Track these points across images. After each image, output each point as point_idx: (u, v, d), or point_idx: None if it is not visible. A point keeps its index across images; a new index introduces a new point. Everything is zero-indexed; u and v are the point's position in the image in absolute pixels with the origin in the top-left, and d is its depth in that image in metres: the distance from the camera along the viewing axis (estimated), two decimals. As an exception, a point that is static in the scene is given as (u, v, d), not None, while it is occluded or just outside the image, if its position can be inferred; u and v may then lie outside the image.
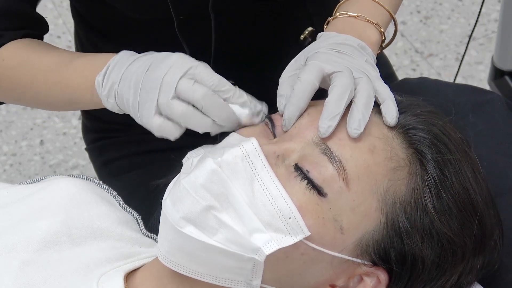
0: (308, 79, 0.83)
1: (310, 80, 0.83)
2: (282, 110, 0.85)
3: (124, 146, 1.27)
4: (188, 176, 0.80)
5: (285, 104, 0.84)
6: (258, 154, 0.80)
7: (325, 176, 0.79)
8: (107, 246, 0.90)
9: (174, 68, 0.87)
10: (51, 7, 2.37)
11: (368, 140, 0.82)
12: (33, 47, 1.05)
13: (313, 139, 0.82)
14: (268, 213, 0.78)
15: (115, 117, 1.01)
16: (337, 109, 0.81)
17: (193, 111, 0.86)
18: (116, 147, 1.28)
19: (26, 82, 1.03)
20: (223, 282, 0.81)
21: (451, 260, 0.83)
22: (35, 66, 1.03)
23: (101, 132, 1.30)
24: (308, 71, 0.84)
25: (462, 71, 2.22)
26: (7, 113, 2.18)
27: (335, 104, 0.81)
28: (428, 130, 0.84)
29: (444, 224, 0.81)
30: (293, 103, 0.83)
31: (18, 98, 1.08)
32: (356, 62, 0.87)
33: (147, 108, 0.87)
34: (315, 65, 0.85)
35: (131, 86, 0.89)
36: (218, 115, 0.86)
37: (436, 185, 0.82)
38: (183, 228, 0.79)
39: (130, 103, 0.90)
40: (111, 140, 1.29)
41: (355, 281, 0.83)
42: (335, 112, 0.81)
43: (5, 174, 2.07)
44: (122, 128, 1.27)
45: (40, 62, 1.03)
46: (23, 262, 0.87)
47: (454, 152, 0.84)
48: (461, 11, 2.38)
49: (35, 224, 0.90)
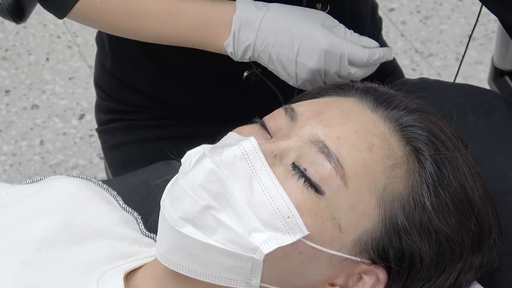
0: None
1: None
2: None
3: (137, 130, 1.28)
4: (186, 176, 0.80)
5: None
6: (257, 154, 0.80)
7: (322, 174, 0.79)
8: (107, 245, 0.90)
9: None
10: (51, 7, 2.37)
11: (366, 138, 0.82)
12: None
13: (310, 138, 0.82)
14: (266, 213, 0.78)
15: (130, 99, 1.04)
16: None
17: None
18: (128, 131, 1.29)
19: (132, 26, 1.08)
20: (222, 282, 0.81)
21: (450, 258, 0.83)
22: (139, 14, 1.07)
23: (115, 113, 1.31)
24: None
25: (462, 71, 2.22)
26: (7, 113, 2.18)
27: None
28: (425, 127, 0.84)
29: (442, 222, 0.81)
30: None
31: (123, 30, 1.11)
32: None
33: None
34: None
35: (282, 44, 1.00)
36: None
37: (434, 183, 0.82)
38: (182, 228, 0.79)
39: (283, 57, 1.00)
40: (124, 122, 1.30)
41: (354, 279, 0.83)
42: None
43: (5, 174, 2.07)
44: (136, 110, 1.27)
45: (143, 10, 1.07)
46: (23, 262, 0.87)
47: (451, 149, 0.84)
48: (461, 11, 2.38)
49: (35, 224, 0.90)
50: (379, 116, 0.85)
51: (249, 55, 1.03)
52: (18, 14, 1.27)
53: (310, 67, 1.01)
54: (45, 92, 2.23)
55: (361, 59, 1.02)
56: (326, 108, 0.85)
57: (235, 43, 1.03)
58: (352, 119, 0.83)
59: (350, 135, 0.82)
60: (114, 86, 1.31)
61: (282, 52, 1.01)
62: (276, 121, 0.85)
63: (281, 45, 1.01)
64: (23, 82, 2.25)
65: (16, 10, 1.26)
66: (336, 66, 1.01)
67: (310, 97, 0.91)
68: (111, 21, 1.10)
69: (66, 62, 2.29)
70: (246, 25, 1.01)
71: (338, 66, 1.01)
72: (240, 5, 1.03)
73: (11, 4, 1.25)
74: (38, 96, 2.22)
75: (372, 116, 0.85)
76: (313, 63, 1.00)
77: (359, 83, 0.92)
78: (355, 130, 0.82)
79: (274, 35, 1.01)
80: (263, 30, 1.01)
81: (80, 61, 2.29)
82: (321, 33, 1.00)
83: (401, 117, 0.85)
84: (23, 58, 2.30)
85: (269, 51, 1.02)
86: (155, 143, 1.28)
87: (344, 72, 1.02)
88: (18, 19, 1.28)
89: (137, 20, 1.07)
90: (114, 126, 1.32)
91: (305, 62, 1.01)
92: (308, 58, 1.00)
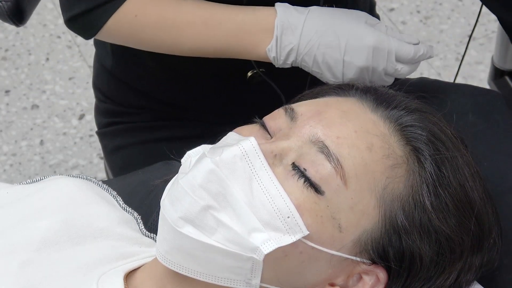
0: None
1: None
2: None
3: (137, 132, 1.28)
4: (186, 176, 0.80)
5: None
6: (257, 154, 0.80)
7: (322, 174, 0.79)
8: (107, 246, 0.90)
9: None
10: (51, 7, 2.37)
11: (366, 138, 0.82)
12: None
13: (310, 138, 0.82)
14: (266, 213, 0.78)
15: (131, 100, 1.03)
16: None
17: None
18: (129, 133, 1.29)
19: (171, 41, 1.07)
20: (222, 282, 0.81)
21: (449, 258, 0.83)
22: (177, 26, 1.06)
23: (114, 116, 1.30)
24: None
25: (462, 71, 2.22)
26: (7, 113, 2.18)
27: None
28: (425, 127, 0.84)
29: (441, 222, 0.81)
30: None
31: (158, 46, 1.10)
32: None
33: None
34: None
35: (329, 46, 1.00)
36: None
37: (433, 183, 0.82)
38: (182, 228, 0.79)
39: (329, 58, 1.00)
40: (124, 125, 1.29)
41: (354, 279, 0.83)
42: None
43: (5, 174, 2.07)
44: (136, 111, 1.27)
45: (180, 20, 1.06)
46: (23, 262, 0.86)
47: (451, 149, 0.84)
48: (461, 11, 2.38)
49: (35, 224, 0.90)
50: (379, 116, 0.85)
51: (292, 59, 1.02)
52: (18, 17, 1.27)
53: (358, 66, 1.00)
54: (45, 92, 2.23)
55: (407, 55, 1.01)
56: (326, 108, 0.85)
57: (277, 47, 1.02)
58: (352, 119, 0.83)
59: (350, 135, 0.82)
60: (114, 87, 1.30)
61: (328, 52, 1.00)
62: (276, 121, 0.85)
63: (326, 45, 1.00)
64: (23, 82, 2.25)
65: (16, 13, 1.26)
66: (384, 63, 1.01)
67: (310, 97, 0.91)
68: (146, 36, 1.08)
69: (66, 62, 2.29)
70: (288, 28, 1.01)
71: (385, 63, 1.01)
72: (280, 10, 1.02)
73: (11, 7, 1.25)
74: (38, 96, 2.22)
75: (372, 116, 0.85)
76: (361, 61, 1.00)
77: (359, 83, 0.92)
78: (355, 130, 0.82)
79: (318, 37, 1.00)
80: (306, 33, 1.00)
81: (80, 61, 2.29)
82: (367, 31, 1.00)
83: (401, 117, 0.85)
84: (23, 58, 2.30)
85: (314, 53, 1.01)
86: (155, 144, 1.28)
87: (391, 69, 1.01)
88: (18, 22, 1.28)
89: (174, 33, 1.06)
90: (113, 129, 1.31)
91: (353, 61, 1.00)
92: (356, 56, 1.00)
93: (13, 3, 1.25)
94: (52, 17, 2.35)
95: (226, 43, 1.05)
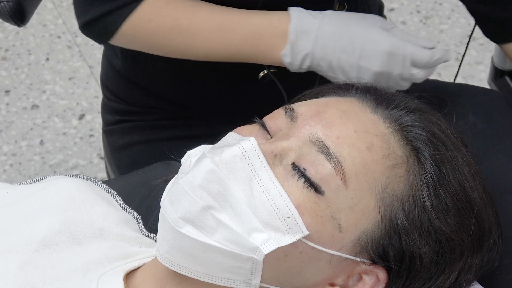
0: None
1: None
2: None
3: (146, 130, 1.28)
4: (186, 176, 0.80)
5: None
6: (257, 154, 0.80)
7: (322, 174, 0.79)
8: (106, 246, 0.90)
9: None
10: (51, 7, 2.37)
11: (366, 138, 0.82)
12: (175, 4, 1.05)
13: (310, 138, 0.82)
14: (266, 213, 0.78)
15: (140, 100, 1.03)
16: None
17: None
18: (138, 131, 1.29)
19: (184, 46, 1.06)
20: (222, 282, 0.81)
21: (449, 258, 0.83)
22: (191, 30, 1.05)
23: (123, 114, 1.30)
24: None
25: (462, 71, 2.22)
26: (7, 113, 2.18)
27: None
28: (425, 127, 0.84)
29: (441, 222, 0.81)
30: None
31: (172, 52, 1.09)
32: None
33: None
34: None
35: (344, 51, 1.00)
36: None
37: (433, 183, 0.82)
38: (182, 228, 0.79)
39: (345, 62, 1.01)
40: (133, 123, 1.29)
41: (354, 279, 0.83)
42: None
43: (5, 174, 2.07)
44: (146, 111, 1.27)
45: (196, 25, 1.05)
46: (23, 262, 0.86)
47: (451, 149, 0.84)
48: (461, 11, 2.38)
49: (35, 224, 0.90)
50: (379, 116, 0.85)
51: (308, 64, 1.02)
52: (19, 17, 1.27)
53: (374, 71, 1.00)
54: (45, 92, 2.23)
55: (423, 60, 1.01)
56: (326, 108, 0.85)
57: (292, 52, 1.02)
58: (352, 119, 0.83)
59: (350, 135, 0.82)
60: (122, 86, 1.30)
61: (343, 57, 1.00)
62: (276, 121, 0.85)
63: (341, 50, 1.00)
64: (23, 82, 2.25)
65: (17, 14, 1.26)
66: (399, 68, 1.00)
67: (310, 97, 0.91)
68: (161, 41, 1.07)
69: (66, 62, 2.29)
70: (303, 33, 1.01)
71: (401, 68, 1.00)
72: (294, 14, 1.02)
73: (12, 8, 1.25)
74: (38, 96, 2.22)
75: (372, 116, 0.84)
76: (376, 66, 1.00)
77: (359, 83, 0.92)
78: (355, 130, 0.82)
79: (333, 41, 1.00)
80: (321, 37, 1.00)
81: (80, 61, 2.29)
82: (383, 35, 1.00)
83: (401, 117, 0.85)
84: (23, 58, 2.30)
85: (329, 58, 1.01)
86: (164, 143, 1.27)
87: (406, 74, 1.01)
88: (19, 22, 1.28)
89: (188, 38, 1.06)
90: (122, 126, 1.31)
91: (368, 66, 1.00)
92: (371, 61, 1.00)
93: (15, 3, 1.25)
94: (52, 17, 2.35)
95: (241, 48, 1.05)
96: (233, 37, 1.04)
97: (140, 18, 1.06)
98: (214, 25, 1.04)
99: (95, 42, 1.12)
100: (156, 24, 1.06)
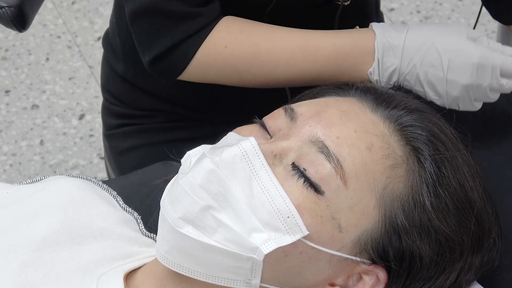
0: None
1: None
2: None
3: (150, 133, 1.27)
4: (185, 176, 0.80)
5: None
6: (257, 153, 0.80)
7: (322, 174, 0.79)
8: (106, 246, 0.90)
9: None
10: (51, 7, 2.37)
11: (366, 138, 0.82)
12: (248, 28, 1.02)
13: (310, 138, 0.82)
14: (266, 213, 0.78)
15: (143, 103, 1.00)
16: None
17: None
18: (141, 134, 1.27)
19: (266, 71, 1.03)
20: (222, 282, 0.81)
21: (449, 258, 0.83)
22: (272, 54, 1.02)
23: (126, 117, 1.29)
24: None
25: (462, 71, 2.22)
26: (7, 113, 2.18)
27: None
28: (425, 127, 0.84)
29: (441, 222, 0.81)
30: None
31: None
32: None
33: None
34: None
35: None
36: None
37: (433, 183, 0.82)
38: (182, 228, 0.79)
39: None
40: (136, 126, 1.28)
41: (354, 279, 0.83)
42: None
43: (5, 174, 2.07)
44: (149, 114, 1.26)
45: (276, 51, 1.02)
46: (23, 262, 0.86)
47: (451, 149, 0.84)
48: (461, 11, 2.38)
49: (35, 224, 0.90)
50: (379, 116, 0.85)
51: (394, 79, 1.00)
52: (20, 23, 1.26)
53: (463, 84, 0.97)
54: (45, 92, 2.23)
55: (511, 69, 0.98)
56: (326, 108, 0.85)
57: (380, 69, 1.00)
58: (352, 119, 0.83)
59: (350, 135, 0.82)
60: (125, 90, 1.28)
61: (430, 71, 0.98)
62: (276, 121, 0.85)
63: (429, 64, 0.98)
64: (23, 82, 2.25)
65: (18, 19, 1.26)
66: (489, 80, 0.97)
67: (309, 97, 0.91)
68: (238, 67, 1.03)
69: (66, 62, 2.29)
70: (389, 49, 0.99)
71: (490, 79, 0.97)
72: (379, 31, 1.00)
73: (14, 13, 1.24)
74: (38, 96, 2.22)
75: (372, 116, 0.85)
76: (465, 79, 0.97)
77: (359, 83, 0.92)
78: (355, 130, 0.82)
79: (420, 55, 0.98)
80: (407, 52, 0.98)
81: (80, 61, 2.29)
82: (470, 46, 0.97)
83: (401, 116, 0.85)
84: (23, 58, 2.30)
85: (416, 72, 0.98)
86: (168, 145, 1.26)
87: (496, 84, 0.98)
88: (21, 28, 1.27)
89: (269, 62, 1.02)
90: (125, 130, 1.29)
91: (456, 79, 0.97)
92: (460, 74, 0.97)
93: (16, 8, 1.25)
94: (52, 17, 2.35)
95: (325, 69, 1.02)
96: (317, 58, 1.01)
97: (215, 45, 1.02)
98: (296, 47, 1.01)
99: (165, 79, 1.04)
100: (233, 49, 1.01)
